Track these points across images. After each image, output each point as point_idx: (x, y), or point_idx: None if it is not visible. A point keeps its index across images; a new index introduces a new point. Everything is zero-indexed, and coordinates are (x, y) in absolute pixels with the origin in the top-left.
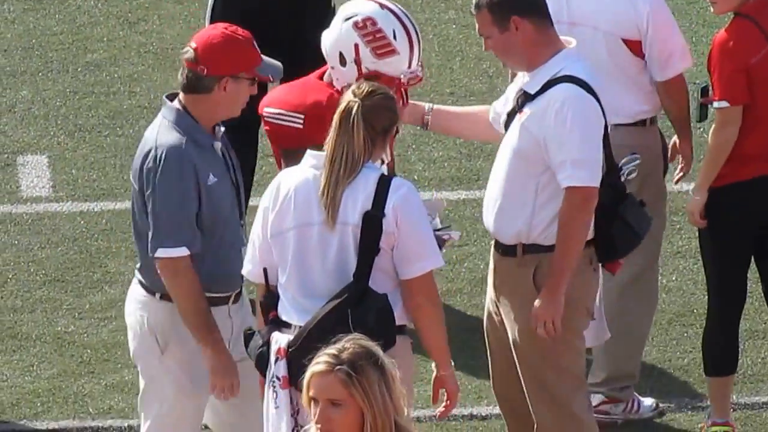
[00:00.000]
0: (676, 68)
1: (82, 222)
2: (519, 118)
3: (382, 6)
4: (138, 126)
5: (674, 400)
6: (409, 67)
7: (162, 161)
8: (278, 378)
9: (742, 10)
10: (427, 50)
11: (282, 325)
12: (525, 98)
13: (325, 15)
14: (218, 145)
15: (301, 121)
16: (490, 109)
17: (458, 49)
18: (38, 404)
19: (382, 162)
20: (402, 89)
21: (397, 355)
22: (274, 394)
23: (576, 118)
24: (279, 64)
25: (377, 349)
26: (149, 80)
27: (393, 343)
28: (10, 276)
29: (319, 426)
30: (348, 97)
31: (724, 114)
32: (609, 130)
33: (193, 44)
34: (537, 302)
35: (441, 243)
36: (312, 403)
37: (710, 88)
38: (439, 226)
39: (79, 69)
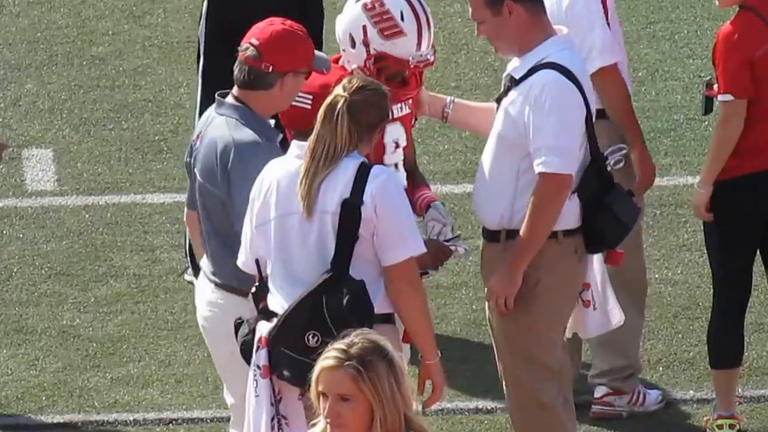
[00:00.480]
0: (595, 64)
1: (87, 216)
2: (503, 103)
3: None
4: (143, 119)
5: (680, 393)
6: (418, 49)
7: (248, 157)
8: (259, 367)
9: (746, 3)
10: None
11: (271, 315)
12: (511, 83)
13: (318, 16)
14: (280, 137)
15: (310, 102)
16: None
17: (463, 43)
18: (43, 398)
19: (396, 146)
20: (416, 73)
21: None
22: (255, 382)
23: (554, 105)
24: (327, 56)
25: (386, 343)
26: (154, 74)
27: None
28: (16, 270)
29: (328, 420)
30: (337, 90)
31: (728, 107)
32: (594, 118)
33: (255, 41)
34: (494, 277)
35: (448, 254)
36: (321, 397)
37: (715, 81)
38: (450, 236)
39: (84, 62)
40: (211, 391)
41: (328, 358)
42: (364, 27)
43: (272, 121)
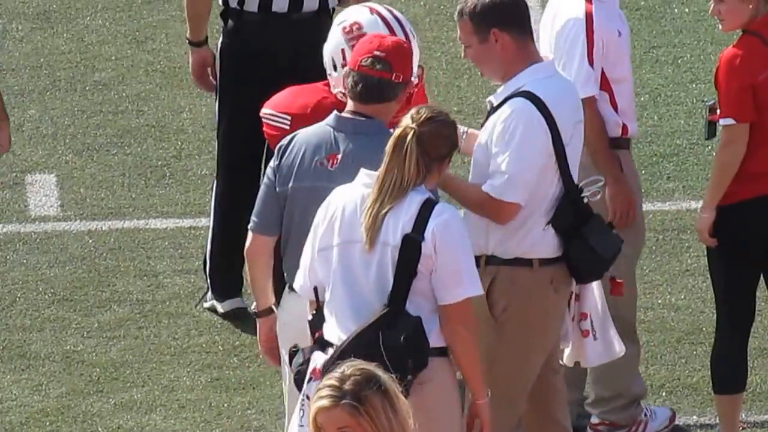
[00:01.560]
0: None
1: (90, 241)
2: (482, 130)
3: (372, 11)
4: (146, 145)
5: (683, 418)
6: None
7: None
8: (308, 397)
9: (750, 28)
10: (435, 68)
11: (326, 345)
12: (490, 109)
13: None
14: None
15: (288, 122)
16: None
17: (466, 67)
18: (47, 423)
19: None
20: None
21: (435, 377)
22: (302, 412)
23: (515, 133)
24: None
25: (377, 372)
26: (157, 99)
27: (424, 366)
28: (19, 295)
29: None
30: (405, 122)
31: (730, 131)
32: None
33: (380, 53)
34: None
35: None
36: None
37: (717, 105)
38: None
39: (87, 88)
40: (215, 416)
41: (322, 398)
42: (343, 50)
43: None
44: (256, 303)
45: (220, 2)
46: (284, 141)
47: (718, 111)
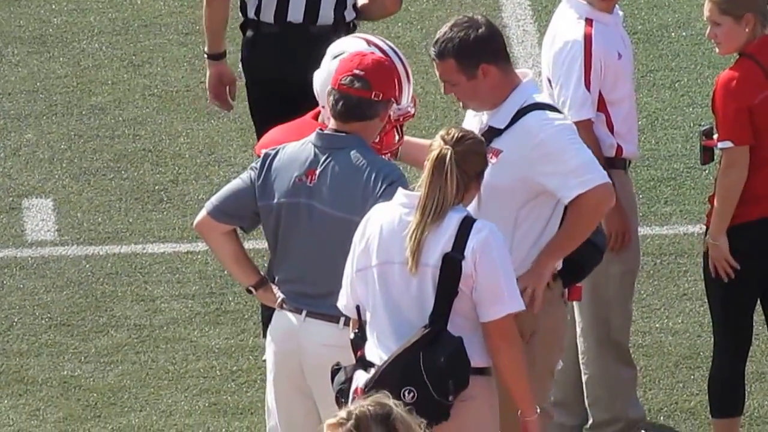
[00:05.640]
0: (569, 116)
1: (87, 266)
2: (490, 157)
3: (369, 43)
4: (142, 169)
5: None
6: (398, 103)
7: (398, 177)
8: None
9: (746, 51)
10: (432, 93)
11: (368, 365)
12: (492, 134)
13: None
14: None
15: None
16: None
17: None
18: None
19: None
20: (396, 126)
21: (475, 395)
22: None
23: (560, 134)
24: None
25: (394, 410)
26: (153, 123)
27: (465, 386)
28: (16, 320)
29: None
30: (439, 143)
31: (729, 155)
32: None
33: (359, 72)
34: (522, 275)
35: None
36: None
37: (714, 129)
38: None
39: (83, 112)
40: None
41: (335, 415)
42: None
43: None
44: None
45: (240, 13)
46: (270, 152)
47: (715, 136)
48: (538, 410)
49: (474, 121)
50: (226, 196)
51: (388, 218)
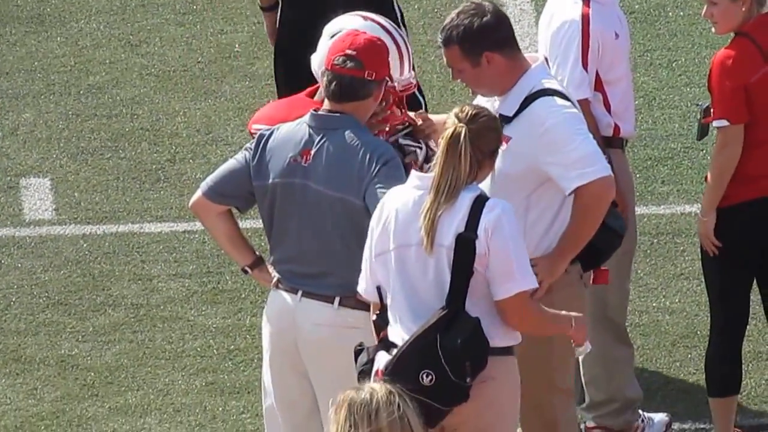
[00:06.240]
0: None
1: (84, 245)
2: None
3: (365, 18)
4: (140, 148)
5: (678, 421)
6: (401, 75)
7: (392, 156)
8: None
9: (742, 30)
10: (429, 72)
11: (390, 346)
12: (501, 121)
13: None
14: None
15: None
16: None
17: None
18: (42, 427)
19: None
20: (399, 98)
21: (496, 376)
22: None
23: (566, 124)
24: None
25: (394, 399)
26: (151, 103)
27: (482, 367)
28: (14, 299)
29: None
30: (453, 121)
31: (724, 133)
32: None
33: (351, 52)
34: (537, 267)
35: None
36: None
37: (711, 108)
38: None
39: (81, 91)
40: (209, 420)
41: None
42: None
43: None
44: (237, 262)
45: None
46: (265, 133)
47: (713, 113)
48: (573, 324)
49: (486, 106)
50: (221, 176)
51: (403, 201)
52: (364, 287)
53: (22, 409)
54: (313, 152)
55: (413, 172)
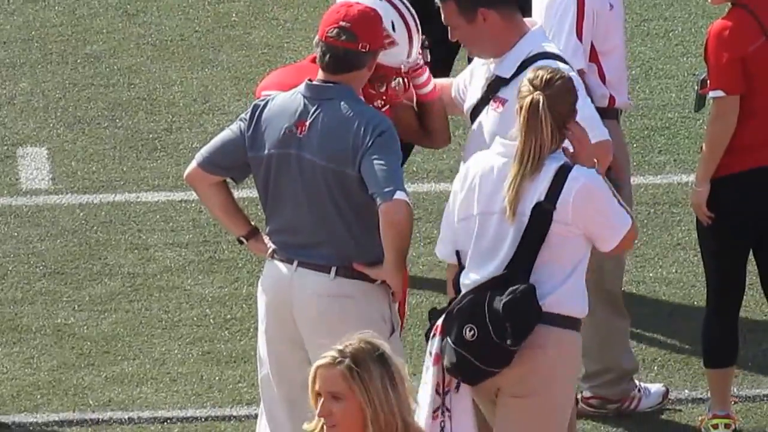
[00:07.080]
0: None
1: (81, 214)
2: (495, 107)
3: None
4: (137, 118)
5: (675, 392)
6: (409, 56)
7: (387, 127)
8: (431, 353)
9: (739, 0)
10: None
11: None
12: (498, 83)
13: None
14: None
15: None
16: (453, 84)
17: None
18: (38, 396)
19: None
20: (405, 78)
21: (546, 345)
22: (426, 369)
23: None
24: None
25: (384, 347)
26: (148, 72)
27: (525, 332)
28: (10, 268)
29: (323, 420)
30: (528, 88)
31: (720, 104)
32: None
33: (345, 24)
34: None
35: None
36: (317, 397)
37: (707, 79)
38: None
39: (78, 61)
40: (206, 389)
41: (324, 356)
42: None
43: None
44: (232, 233)
45: None
46: (260, 102)
47: (708, 83)
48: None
49: (482, 70)
50: (216, 147)
51: (487, 167)
52: (442, 250)
53: (18, 378)
54: (308, 123)
55: (498, 138)
